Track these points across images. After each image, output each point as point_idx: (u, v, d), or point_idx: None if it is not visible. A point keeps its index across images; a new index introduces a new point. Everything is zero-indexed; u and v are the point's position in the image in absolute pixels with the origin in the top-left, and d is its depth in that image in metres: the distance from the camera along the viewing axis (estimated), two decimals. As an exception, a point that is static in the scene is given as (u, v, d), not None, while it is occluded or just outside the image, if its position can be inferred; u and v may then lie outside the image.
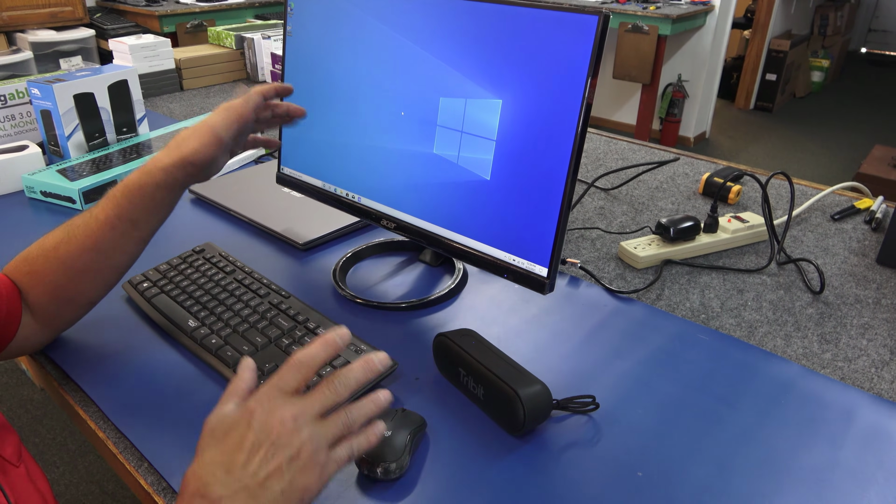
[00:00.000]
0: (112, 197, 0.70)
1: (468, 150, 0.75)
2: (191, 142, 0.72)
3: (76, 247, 0.68)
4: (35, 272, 0.69)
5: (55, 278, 0.69)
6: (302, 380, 0.50)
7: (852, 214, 1.13)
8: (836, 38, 5.84)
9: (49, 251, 0.69)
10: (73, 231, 0.69)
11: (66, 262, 0.68)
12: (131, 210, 0.69)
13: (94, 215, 0.69)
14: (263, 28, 2.04)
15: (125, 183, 0.70)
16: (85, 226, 0.69)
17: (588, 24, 0.64)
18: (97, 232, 0.69)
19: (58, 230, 0.70)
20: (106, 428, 0.65)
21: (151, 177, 0.70)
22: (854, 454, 0.63)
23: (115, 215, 0.69)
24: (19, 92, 1.28)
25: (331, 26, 0.86)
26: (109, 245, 0.70)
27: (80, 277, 0.70)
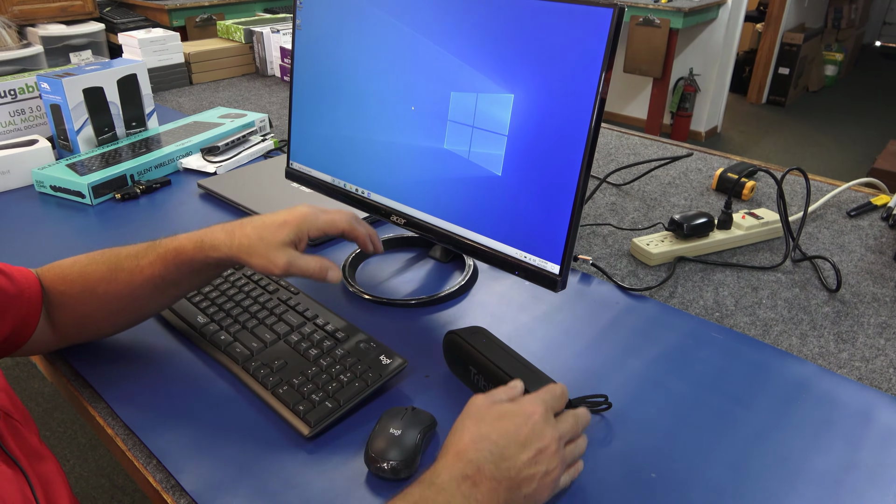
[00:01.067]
0: (163, 256, 0.68)
1: (479, 146, 0.74)
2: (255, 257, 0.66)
3: (116, 288, 0.68)
4: (68, 295, 0.68)
5: (87, 311, 0.69)
6: (560, 408, 0.58)
7: (869, 211, 1.11)
8: (850, 31, 5.77)
9: (89, 284, 0.68)
10: (117, 274, 0.68)
11: (103, 300, 0.68)
12: (178, 275, 0.69)
13: (141, 267, 0.68)
14: (272, 22, 2.03)
15: (178, 248, 0.67)
16: (130, 274, 0.68)
17: (602, 17, 0.62)
18: (140, 285, 0.68)
19: (101, 263, 0.69)
20: (115, 424, 0.65)
21: (204, 255, 0.67)
22: (872, 456, 0.62)
23: (161, 276, 0.68)
24: (29, 86, 1.28)
25: (340, 20, 0.85)
26: (148, 298, 0.70)
27: (111, 317, 0.70)
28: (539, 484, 0.52)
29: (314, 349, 0.70)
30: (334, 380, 0.66)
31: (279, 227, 0.67)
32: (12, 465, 0.51)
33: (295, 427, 0.63)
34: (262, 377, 0.67)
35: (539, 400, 0.55)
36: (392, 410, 0.62)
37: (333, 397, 0.64)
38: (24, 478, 0.51)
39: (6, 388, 0.56)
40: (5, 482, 0.48)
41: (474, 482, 0.49)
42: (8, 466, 0.51)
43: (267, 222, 0.68)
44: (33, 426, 0.59)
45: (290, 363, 0.69)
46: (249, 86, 1.82)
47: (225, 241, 0.67)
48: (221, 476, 0.59)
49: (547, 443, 0.52)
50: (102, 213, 1.08)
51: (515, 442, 0.51)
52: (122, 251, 0.70)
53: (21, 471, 0.51)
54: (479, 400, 0.55)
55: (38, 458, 0.56)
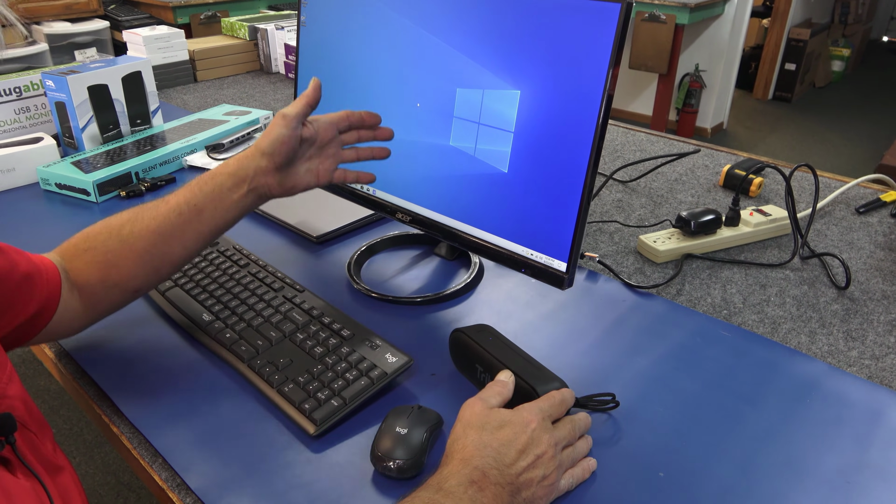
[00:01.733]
0: (187, 185, 0.70)
1: (485, 142, 0.74)
2: (262, 134, 0.72)
3: (140, 228, 0.68)
4: (92, 249, 0.68)
5: (111, 258, 0.68)
6: (560, 415, 0.60)
7: (878, 207, 1.10)
8: (857, 26, 5.72)
9: (113, 229, 0.68)
10: (140, 212, 0.69)
11: (127, 242, 0.68)
12: (200, 197, 0.69)
13: (164, 199, 0.70)
14: (277, 19, 2.03)
15: (202, 175, 0.71)
16: (154, 208, 0.69)
17: (610, 13, 0.62)
18: (163, 214, 0.68)
19: (126, 211, 0.70)
20: (120, 423, 0.65)
21: (226, 166, 0.70)
22: (881, 455, 0.62)
23: (185, 200, 0.69)
24: (34, 84, 1.28)
25: (345, 16, 0.85)
26: (171, 230, 0.68)
27: (135, 260, 0.68)
28: (537, 488, 0.54)
29: (319, 347, 0.70)
30: (340, 378, 0.66)
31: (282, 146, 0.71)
32: (31, 477, 0.51)
33: (301, 425, 0.63)
34: (267, 375, 0.67)
35: (536, 409, 0.58)
36: (398, 409, 0.61)
37: (339, 395, 0.64)
38: (44, 490, 0.51)
39: (22, 396, 0.55)
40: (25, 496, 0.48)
41: (480, 487, 0.51)
42: (27, 479, 0.50)
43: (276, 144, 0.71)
44: (49, 432, 0.59)
45: (296, 361, 0.69)
46: (254, 83, 1.82)
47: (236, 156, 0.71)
48: (227, 474, 0.59)
49: (544, 449, 0.55)
50: (108, 210, 1.08)
51: (515, 449, 0.54)
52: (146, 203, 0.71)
53: (40, 483, 0.51)
54: (477, 406, 0.57)
55: (55, 468, 0.56)
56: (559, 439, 0.57)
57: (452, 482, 0.51)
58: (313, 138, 0.74)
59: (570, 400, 0.61)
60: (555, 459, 0.55)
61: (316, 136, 0.75)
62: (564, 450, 0.58)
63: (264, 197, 0.73)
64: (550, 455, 0.55)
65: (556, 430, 0.58)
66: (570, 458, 0.58)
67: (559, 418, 0.60)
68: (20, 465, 0.50)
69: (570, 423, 0.60)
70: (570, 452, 0.58)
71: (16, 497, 0.46)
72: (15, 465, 0.50)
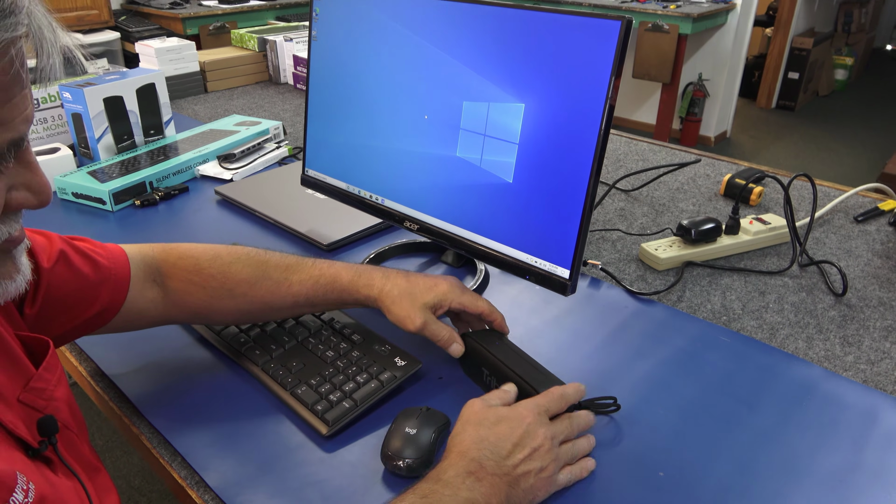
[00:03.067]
0: (317, 279, 0.72)
1: (491, 154, 0.76)
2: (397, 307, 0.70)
3: (255, 296, 0.71)
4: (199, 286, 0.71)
5: (213, 304, 0.71)
6: (559, 410, 0.62)
7: (876, 216, 1.12)
8: (861, 35, 5.74)
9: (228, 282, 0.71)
10: (262, 282, 0.71)
11: (238, 301, 0.71)
12: (322, 300, 0.73)
13: (290, 282, 0.71)
14: (285, 30, 2.07)
15: (335, 276, 0.72)
16: (276, 285, 0.71)
17: (611, 30, 0.64)
18: (282, 297, 0.72)
19: (247, 265, 0.71)
20: (140, 424, 0.68)
21: (356, 289, 0.72)
22: (876, 456, 0.64)
23: (306, 296, 0.72)
24: (51, 96, 1.31)
25: (355, 31, 0.88)
26: (281, 310, 0.73)
27: (233, 312, 0.73)
28: (536, 479, 0.56)
29: (331, 351, 0.73)
30: (351, 380, 0.68)
31: (428, 290, 0.71)
32: (72, 477, 0.54)
33: (314, 426, 0.65)
34: (281, 378, 0.70)
35: (533, 404, 0.61)
36: (407, 410, 0.64)
37: (351, 397, 0.66)
38: (84, 490, 0.54)
39: (67, 399, 0.58)
40: (67, 496, 0.50)
41: (478, 477, 0.54)
42: (68, 480, 0.53)
43: (419, 281, 0.72)
44: (86, 435, 0.62)
45: (308, 365, 0.71)
46: (263, 93, 1.85)
47: (379, 282, 0.71)
48: (243, 473, 0.61)
49: (540, 442, 0.58)
50: (123, 219, 1.11)
51: (511, 442, 0.57)
52: (271, 259, 0.72)
53: (80, 483, 0.54)
54: (476, 405, 0.61)
55: (93, 469, 0.59)
56: (556, 433, 0.60)
57: (450, 473, 0.54)
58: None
59: (571, 395, 0.64)
60: (551, 452, 0.58)
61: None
62: (563, 445, 0.60)
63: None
64: (547, 448, 0.58)
65: (553, 425, 0.60)
66: (569, 453, 0.60)
67: (559, 414, 0.62)
68: (61, 465, 0.53)
69: (567, 419, 0.62)
70: (569, 448, 0.61)
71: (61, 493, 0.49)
72: (56, 464, 0.52)
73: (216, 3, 3.75)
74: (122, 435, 1.85)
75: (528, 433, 0.58)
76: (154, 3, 3.68)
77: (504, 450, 0.56)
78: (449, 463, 0.55)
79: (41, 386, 0.54)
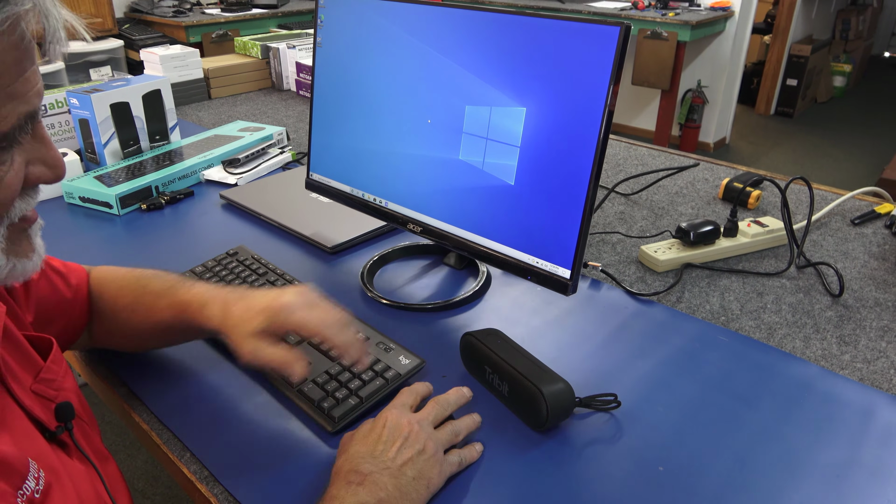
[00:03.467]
0: (175, 306, 0.69)
1: (493, 157, 0.78)
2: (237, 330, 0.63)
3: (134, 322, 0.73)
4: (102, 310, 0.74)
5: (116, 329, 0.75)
6: (414, 401, 0.65)
7: (873, 219, 1.14)
8: (858, 42, 5.78)
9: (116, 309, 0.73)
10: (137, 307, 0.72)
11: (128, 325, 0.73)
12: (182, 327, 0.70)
13: (158, 308, 0.70)
14: (288, 38, 2.09)
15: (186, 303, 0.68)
16: (147, 311, 0.71)
17: (610, 35, 0.66)
18: (152, 325, 0.71)
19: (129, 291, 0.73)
20: (150, 420, 0.69)
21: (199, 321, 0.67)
22: (873, 452, 0.65)
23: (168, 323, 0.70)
24: (59, 102, 1.33)
25: (359, 38, 0.89)
26: (156, 338, 0.75)
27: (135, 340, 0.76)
28: (422, 463, 0.58)
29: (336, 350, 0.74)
30: (356, 378, 0.70)
31: (255, 315, 0.62)
32: (86, 462, 0.55)
33: (320, 423, 0.66)
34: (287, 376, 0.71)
35: (390, 406, 0.63)
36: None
37: (356, 395, 0.68)
38: (98, 475, 0.55)
39: (76, 391, 0.60)
40: (80, 478, 0.52)
41: (359, 483, 0.55)
42: (82, 464, 0.55)
43: (250, 305, 0.64)
44: (96, 427, 0.63)
45: (314, 363, 0.72)
46: (266, 100, 1.87)
47: (216, 316, 0.65)
48: (252, 468, 0.62)
49: (407, 429, 0.59)
50: (129, 222, 1.13)
51: (379, 441, 0.58)
52: (151, 284, 0.72)
53: (95, 468, 0.55)
54: (346, 436, 0.62)
55: (104, 457, 0.60)
56: (421, 419, 0.61)
57: (333, 491, 0.55)
58: None
59: (421, 389, 0.66)
60: (422, 433, 0.59)
61: None
62: (442, 426, 0.63)
63: None
64: (416, 431, 0.59)
65: (418, 413, 0.63)
66: (450, 432, 0.62)
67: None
68: (76, 451, 0.54)
69: (434, 402, 0.65)
70: (450, 428, 0.63)
71: (73, 475, 0.50)
72: (71, 449, 0.54)
73: (219, 12, 3.79)
74: (125, 437, 1.86)
75: (393, 427, 0.59)
76: (157, 11, 3.72)
77: (377, 450, 0.58)
78: (331, 484, 0.56)
79: (50, 377, 0.56)
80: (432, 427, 0.62)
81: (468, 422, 0.65)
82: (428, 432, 0.60)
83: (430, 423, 0.62)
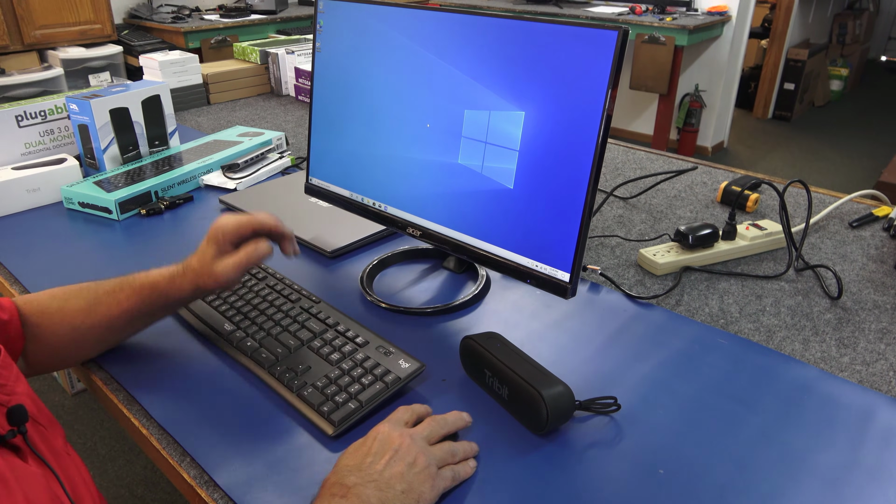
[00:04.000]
0: (139, 291, 0.74)
1: (492, 160, 0.78)
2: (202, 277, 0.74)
3: (94, 322, 0.74)
4: (44, 327, 0.73)
5: (62, 343, 0.74)
6: (412, 418, 0.64)
7: (871, 222, 1.14)
8: (855, 46, 5.80)
9: (67, 317, 0.74)
10: (96, 308, 0.74)
11: (80, 332, 0.74)
12: (152, 308, 0.75)
13: (119, 301, 0.74)
14: (287, 43, 2.10)
15: (153, 283, 0.75)
16: (108, 308, 0.74)
17: (608, 40, 0.66)
18: (118, 316, 0.74)
19: (80, 298, 0.74)
20: (149, 425, 0.69)
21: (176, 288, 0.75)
22: (873, 454, 0.65)
23: (137, 308, 0.74)
24: (58, 107, 1.33)
25: (359, 43, 0.90)
26: (122, 326, 0.76)
27: (85, 347, 0.76)
28: (412, 477, 0.57)
29: (336, 354, 0.74)
30: (356, 382, 0.70)
31: (205, 247, 0.75)
32: (41, 464, 0.56)
33: (320, 427, 0.66)
34: (287, 380, 0.71)
35: (385, 421, 0.62)
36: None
37: (356, 398, 0.68)
38: (55, 476, 0.55)
39: (31, 395, 0.61)
40: (33, 481, 0.52)
41: (342, 495, 0.54)
42: (37, 466, 0.55)
43: (199, 250, 0.76)
44: (59, 430, 0.64)
45: (314, 367, 0.73)
46: (265, 105, 1.87)
47: (187, 279, 0.74)
48: (252, 473, 0.62)
49: (398, 443, 0.59)
50: (128, 227, 1.13)
51: (368, 454, 0.58)
52: (101, 287, 0.75)
53: (50, 469, 0.56)
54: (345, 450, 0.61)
55: (64, 457, 0.61)
56: (413, 433, 0.61)
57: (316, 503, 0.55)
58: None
59: (419, 408, 0.66)
60: (413, 447, 0.59)
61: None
62: (438, 444, 0.62)
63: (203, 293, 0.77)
64: (407, 444, 0.59)
65: (412, 428, 0.62)
66: (447, 450, 0.61)
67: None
68: (31, 454, 0.55)
69: (431, 420, 0.64)
70: (447, 446, 0.62)
71: (23, 479, 0.50)
72: (26, 453, 0.54)
73: (218, 18, 3.80)
74: (125, 443, 1.86)
75: (385, 440, 0.59)
76: (156, 17, 3.72)
77: (364, 463, 0.57)
78: (317, 497, 0.56)
79: (1, 382, 0.57)
80: (426, 442, 0.61)
81: (465, 446, 0.64)
82: (420, 446, 0.60)
83: (423, 437, 0.61)
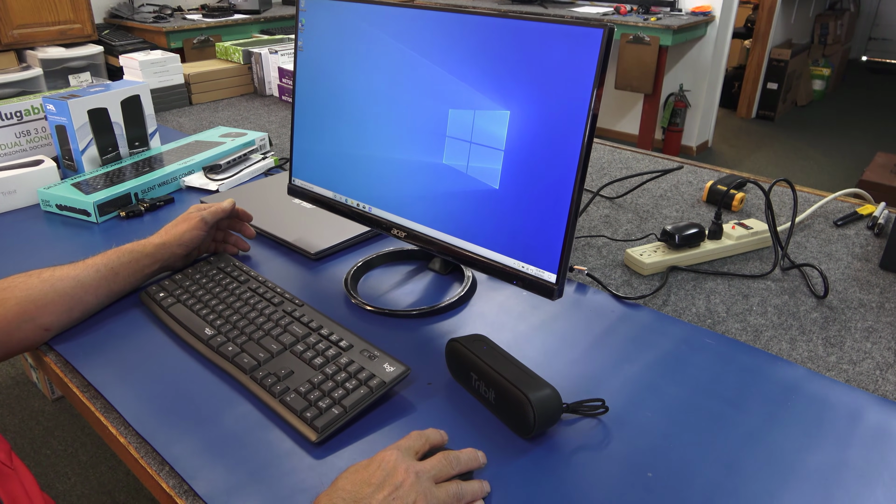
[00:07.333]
0: (105, 252, 0.86)
1: (477, 160, 0.77)
2: (180, 226, 0.91)
3: (61, 273, 0.81)
4: (11, 287, 0.78)
5: (31, 294, 0.78)
6: (422, 448, 0.60)
7: (855, 220, 1.14)
8: (837, 46, 5.87)
9: (32, 274, 0.80)
10: (61, 266, 0.82)
11: (48, 282, 0.79)
12: (117, 263, 0.85)
13: (84, 260, 0.83)
14: (270, 43, 2.07)
15: (120, 247, 0.87)
16: (73, 263, 0.83)
17: (593, 38, 0.66)
18: (82, 268, 0.82)
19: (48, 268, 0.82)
20: (127, 433, 0.67)
21: (143, 246, 0.88)
22: (860, 454, 0.65)
23: (103, 263, 0.84)
24: (35, 108, 1.30)
25: (341, 41, 0.88)
26: (88, 281, 0.82)
27: (53, 297, 0.79)
28: None
29: (319, 358, 0.73)
30: (340, 387, 0.68)
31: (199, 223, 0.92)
32: None
33: (303, 433, 0.65)
34: (269, 386, 0.69)
35: (394, 446, 0.59)
36: None
37: (339, 404, 0.66)
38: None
39: None
40: None
41: None
42: None
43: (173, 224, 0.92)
44: (3, 444, 0.63)
45: (297, 372, 0.71)
46: (248, 105, 1.85)
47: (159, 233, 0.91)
48: (232, 481, 0.61)
49: (401, 478, 0.55)
50: (107, 230, 1.10)
51: (368, 484, 0.54)
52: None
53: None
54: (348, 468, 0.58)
55: (5, 471, 0.60)
56: (421, 469, 0.57)
57: None
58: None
59: (433, 437, 0.62)
60: (416, 486, 0.55)
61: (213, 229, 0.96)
62: (445, 483, 0.57)
63: (169, 269, 0.92)
64: (410, 482, 0.55)
65: (420, 463, 0.58)
66: (453, 494, 0.57)
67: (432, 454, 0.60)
68: None
69: (442, 456, 0.59)
70: (454, 488, 0.57)
71: None
72: None
73: (200, 17, 3.76)
74: (107, 449, 1.83)
75: (389, 472, 0.55)
76: (137, 16, 3.68)
77: (362, 493, 0.54)
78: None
79: None
80: (432, 482, 0.57)
81: (475, 487, 0.58)
82: (424, 487, 0.55)
83: (429, 476, 0.57)
